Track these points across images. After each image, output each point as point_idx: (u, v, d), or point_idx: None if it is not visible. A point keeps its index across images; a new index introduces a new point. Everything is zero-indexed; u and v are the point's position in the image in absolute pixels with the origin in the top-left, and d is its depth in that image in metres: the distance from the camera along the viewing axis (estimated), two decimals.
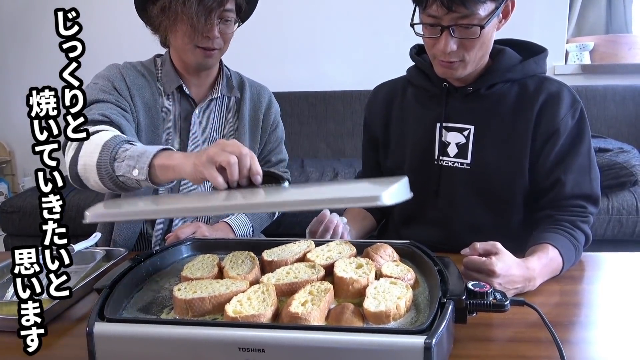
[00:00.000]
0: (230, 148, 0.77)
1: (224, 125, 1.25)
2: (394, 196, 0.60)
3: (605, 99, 2.51)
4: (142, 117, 1.15)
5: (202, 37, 1.11)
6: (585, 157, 0.99)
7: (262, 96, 1.30)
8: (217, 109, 1.25)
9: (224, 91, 1.24)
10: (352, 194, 0.70)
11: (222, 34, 1.13)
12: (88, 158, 0.93)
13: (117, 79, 1.15)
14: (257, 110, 1.28)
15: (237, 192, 0.74)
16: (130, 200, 0.81)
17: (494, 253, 0.81)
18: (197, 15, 1.06)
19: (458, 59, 0.95)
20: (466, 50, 0.94)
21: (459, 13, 0.89)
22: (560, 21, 2.70)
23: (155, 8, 1.11)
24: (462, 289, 0.67)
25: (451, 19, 0.90)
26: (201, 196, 0.91)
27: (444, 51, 0.93)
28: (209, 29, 1.09)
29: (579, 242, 0.94)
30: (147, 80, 1.19)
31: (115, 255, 1.03)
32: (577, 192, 0.98)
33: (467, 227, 1.05)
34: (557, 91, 1.00)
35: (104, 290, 0.70)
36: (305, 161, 2.60)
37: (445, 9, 0.89)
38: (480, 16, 0.90)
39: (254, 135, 1.27)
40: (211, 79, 1.24)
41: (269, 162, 1.33)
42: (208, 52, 1.13)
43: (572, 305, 0.83)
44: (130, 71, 1.18)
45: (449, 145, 1.05)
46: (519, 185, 1.02)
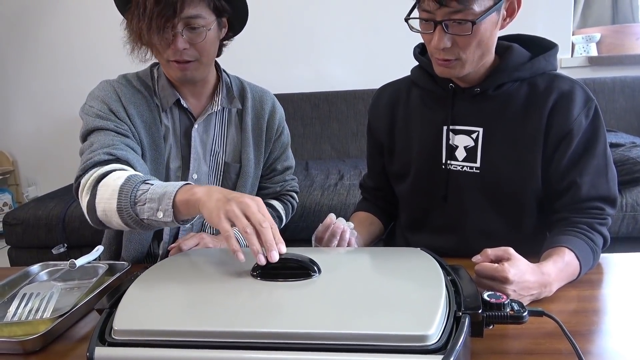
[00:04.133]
0: (252, 215, 0.76)
1: (226, 138, 1.20)
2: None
3: (614, 91, 2.47)
4: (143, 136, 1.10)
5: (168, 50, 1.03)
6: (601, 157, 0.95)
7: (264, 103, 1.24)
8: (218, 122, 1.19)
9: (223, 103, 1.18)
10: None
11: (192, 44, 1.03)
12: (107, 204, 0.92)
13: (112, 100, 1.09)
14: (260, 118, 1.23)
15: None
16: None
17: (506, 259, 0.78)
18: (153, 27, 0.99)
19: (454, 57, 0.91)
20: (462, 49, 0.90)
21: (451, 8, 0.86)
22: (566, 12, 2.66)
23: (127, 25, 1.06)
24: (478, 302, 0.64)
25: (444, 14, 0.87)
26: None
27: (437, 47, 0.90)
28: (171, 40, 1.01)
29: (596, 245, 0.91)
30: (144, 96, 1.12)
31: (118, 269, 1.00)
32: (594, 194, 0.94)
33: (477, 232, 1.02)
34: (569, 90, 0.96)
35: (104, 311, 0.67)
36: (310, 163, 2.58)
37: (437, 4, 0.86)
38: (475, 12, 0.86)
39: (258, 146, 1.23)
40: (209, 90, 1.17)
41: (275, 171, 1.30)
42: (181, 65, 1.05)
43: (591, 312, 0.80)
44: (125, 88, 1.11)
45: (457, 148, 1.02)
46: (531, 189, 0.99)
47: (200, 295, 0.71)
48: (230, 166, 1.20)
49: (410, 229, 1.13)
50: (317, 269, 0.72)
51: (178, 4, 0.99)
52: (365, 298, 0.67)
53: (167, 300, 0.70)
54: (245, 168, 1.20)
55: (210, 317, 0.64)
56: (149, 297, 0.71)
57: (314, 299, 0.67)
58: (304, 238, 2.07)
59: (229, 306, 0.66)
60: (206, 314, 0.65)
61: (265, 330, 0.58)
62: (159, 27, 0.99)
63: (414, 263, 0.79)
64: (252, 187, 1.23)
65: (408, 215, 1.13)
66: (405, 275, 0.75)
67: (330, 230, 0.94)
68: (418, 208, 1.10)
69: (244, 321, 0.61)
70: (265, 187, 1.29)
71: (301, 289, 0.69)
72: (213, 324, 0.61)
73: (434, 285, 0.67)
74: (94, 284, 0.93)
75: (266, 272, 0.73)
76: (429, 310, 0.60)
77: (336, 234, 0.94)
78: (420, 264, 0.78)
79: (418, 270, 0.76)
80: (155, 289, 0.74)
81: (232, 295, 0.70)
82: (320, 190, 2.14)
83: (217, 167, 1.20)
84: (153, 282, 0.76)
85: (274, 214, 1.28)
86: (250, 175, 1.21)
